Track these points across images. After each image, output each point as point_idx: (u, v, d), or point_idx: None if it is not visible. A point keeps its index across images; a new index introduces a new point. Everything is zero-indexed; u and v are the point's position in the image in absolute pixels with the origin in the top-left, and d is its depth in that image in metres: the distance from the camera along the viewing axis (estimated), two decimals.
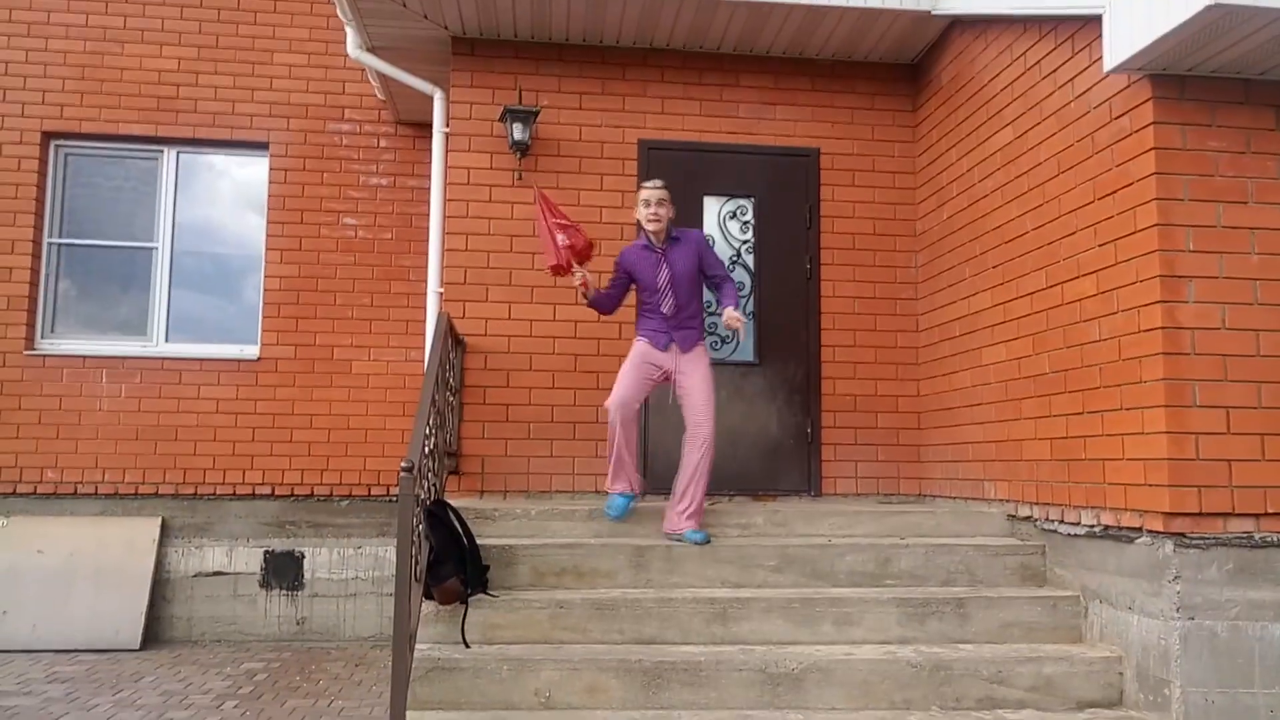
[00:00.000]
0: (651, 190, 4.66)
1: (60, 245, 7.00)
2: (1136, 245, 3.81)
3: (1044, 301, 4.45)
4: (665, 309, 4.60)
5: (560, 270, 4.64)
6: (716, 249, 5.87)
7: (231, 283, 7.18)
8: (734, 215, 5.93)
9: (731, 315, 4.44)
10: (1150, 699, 3.66)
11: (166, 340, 6.98)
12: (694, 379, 4.59)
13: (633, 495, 4.66)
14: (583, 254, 4.63)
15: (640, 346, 4.69)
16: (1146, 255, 3.74)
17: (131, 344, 6.92)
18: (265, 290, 6.96)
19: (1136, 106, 3.84)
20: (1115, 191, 3.95)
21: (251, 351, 6.93)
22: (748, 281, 5.89)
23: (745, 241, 5.91)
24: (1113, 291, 3.94)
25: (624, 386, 4.58)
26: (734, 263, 5.90)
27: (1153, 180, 3.73)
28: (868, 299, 5.89)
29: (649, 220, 4.62)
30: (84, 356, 6.78)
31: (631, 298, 4.84)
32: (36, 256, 6.86)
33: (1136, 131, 3.83)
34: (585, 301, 4.79)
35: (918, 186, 5.96)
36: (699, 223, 5.87)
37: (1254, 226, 3.75)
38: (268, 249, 6.98)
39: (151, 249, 7.04)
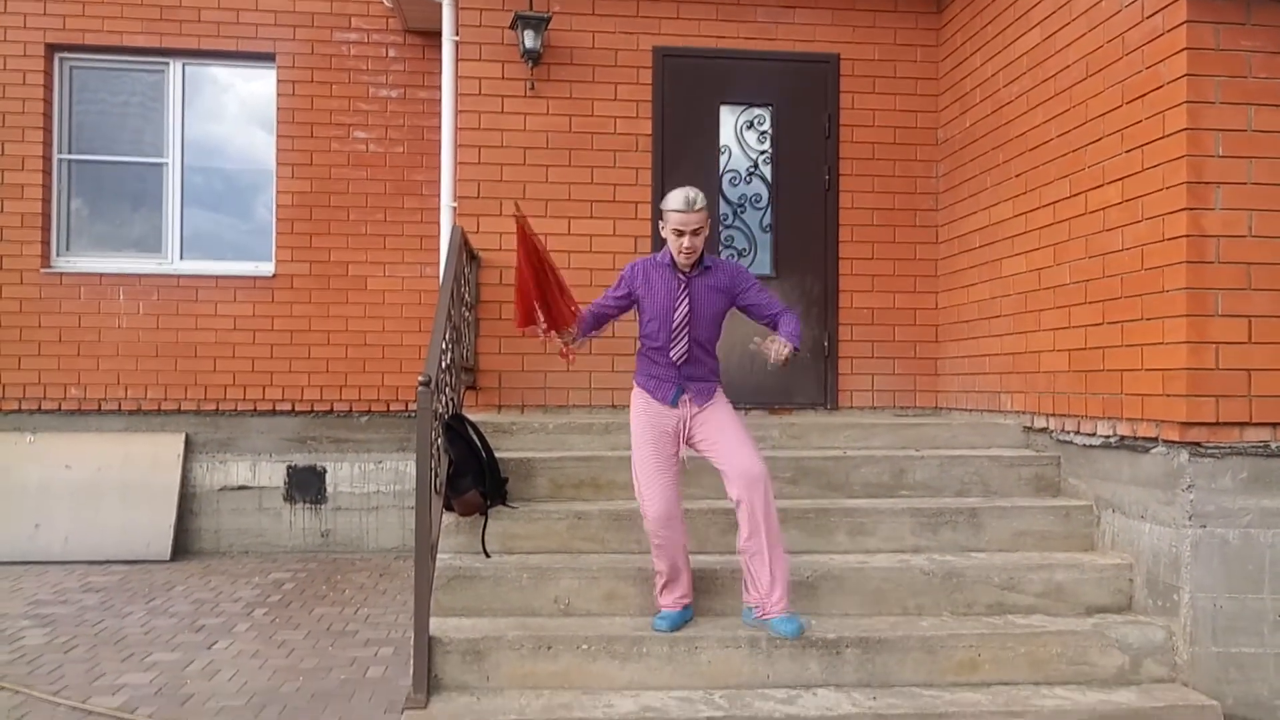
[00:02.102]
0: (688, 214, 3.46)
1: (70, 162, 6.95)
2: (1164, 150, 3.71)
3: (1067, 211, 4.37)
4: (675, 354, 3.57)
5: (542, 330, 3.74)
6: (734, 160, 5.79)
7: (243, 199, 7.13)
8: (751, 125, 5.81)
9: (780, 346, 3.52)
10: (1159, 604, 3.72)
11: (181, 258, 6.98)
12: (713, 425, 3.59)
13: (690, 609, 3.67)
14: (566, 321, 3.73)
15: (640, 407, 3.65)
16: (1174, 161, 3.65)
17: (147, 261, 6.93)
18: (278, 206, 6.91)
19: (1169, 4, 3.69)
20: (1144, 95, 3.84)
21: (267, 268, 6.93)
22: (765, 193, 5.80)
23: (763, 152, 5.80)
24: (1138, 199, 3.86)
25: (655, 488, 3.53)
26: (751, 174, 5.80)
27: (1184, 82, 3.61)
28: (887, 210, 5.80)
29: (682, 253, 3.53)
30: (100, 274, 6.80)
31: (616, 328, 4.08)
32: (47, 173, 6.82)
33: (1169, 31, 3.69)
34: (574, 352, 3.84)
35: (940, 93, 5.80)
36: (715, 134, 5.76)
37: None
38: (279, 164, 6.91)
39: (162, 165, 6.98)
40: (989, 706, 3.34)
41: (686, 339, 3.59)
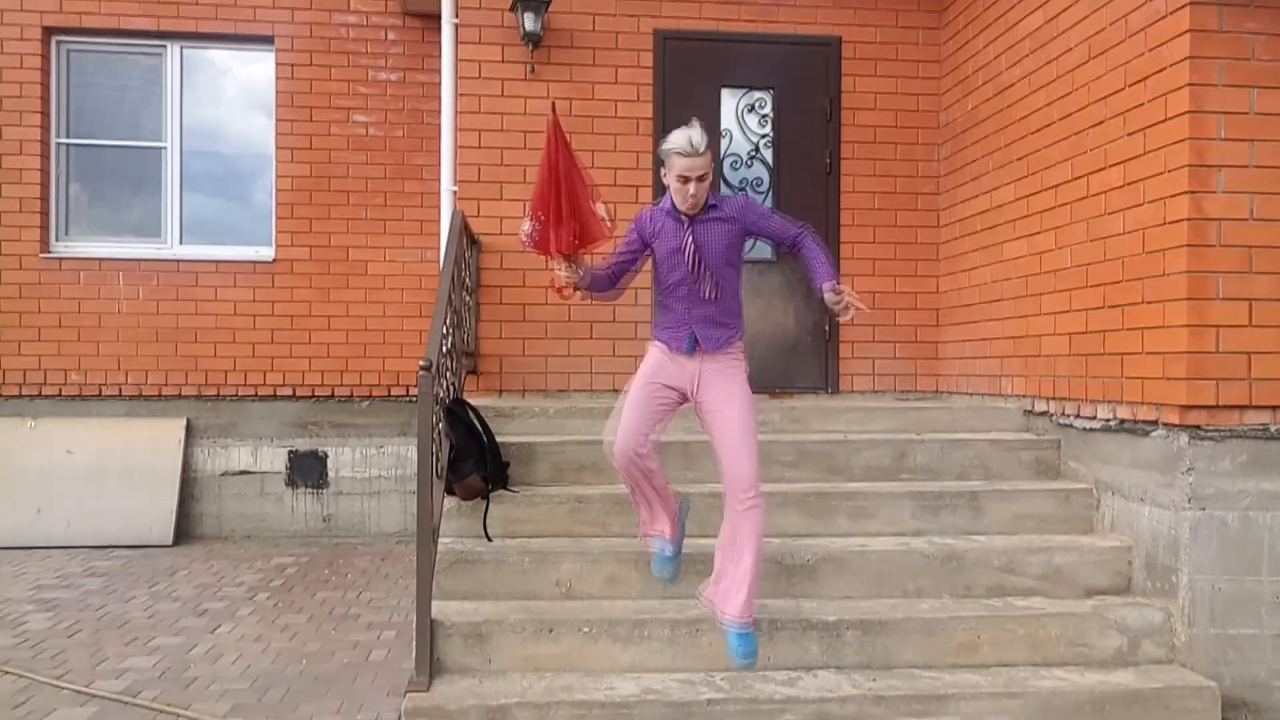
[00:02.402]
0: (692, 159, 3.24)
1: (68, 146, 6.92)
2: (1167, 134, 3.70)
3: (1068, 194, 4.36)
4: (703, 290, 3.37)
5: (557, 250, 3.33)
6: (734, 144, 5.77)
7: (242, 184, 7.11)
8: (752, 108, 5.79)
9: (837, 295, 3.26)
10: (1158, 586, 3.73)
11: (181, 243, 6.96)
12: (722, 392, 3.36)
13: (673, 554, 3.58)
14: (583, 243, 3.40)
15: (652, 358, 3.49)
16: (1176, 144, 3.64)
17: (146, 246, 6.92)
18: (278, 191, 6.89)
19: None
20: (1147, 78, 3.82)
21: (267, 253, 6.92)
22: (765, 177, 5.79)
23: (764, 136, 5.78)
24: (1140, 183, 3.85)
25: (624, 419, 3.38)
26: (752, 158, 5.78)
27: (1186, 65, 3.60)
28: (888, 194, 5.79)
29: (686, 199, 3.33)
30: (100, 259, 6.79)
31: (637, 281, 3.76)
32: (45, 157, 6.80)
33: (1172, 13, 3.67)
34: (571, 290, 3.47)
35: (942, 76, 5.78)
36: (716, 117, 5.74)
37: None
38: (278, 148, 6.89)
39: (160, 149, 6.96)
40: (988, 688, 3.37)
41: (704, 277, 3.36)
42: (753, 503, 3.27)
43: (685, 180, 3.29)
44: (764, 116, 5.79)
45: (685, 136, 3.27)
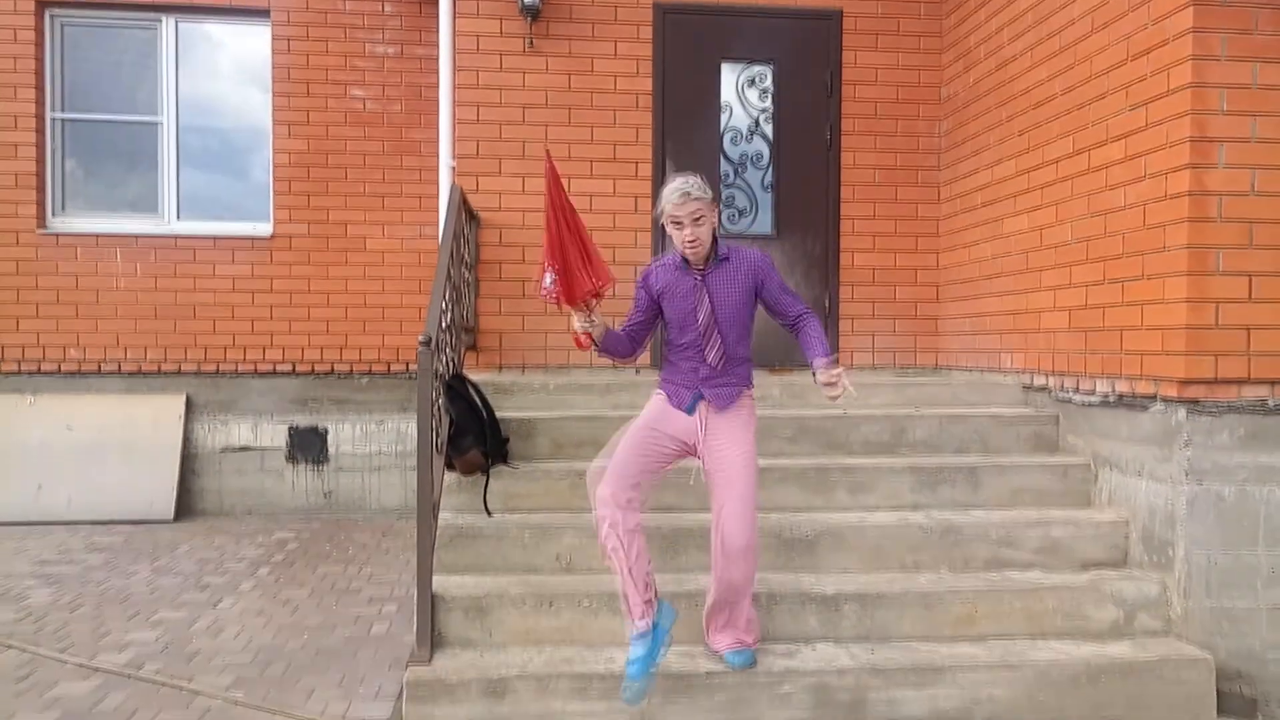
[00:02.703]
0: (683, 202, 3.13)
1: (64, 121, 6.88)
2: (1168, 107, 3.68)
3: (1069, 169, 4.34)
4: (710, 357, 3.25)
5: (583, 297, 3.13)
6: (735, 119, 5.74)
7: (239, 159, 7.07)
8: (753, 83, 5.75)
9: (829, 373, 3.10)
10: (1154, 559, 3.76)
11: (178, 218, 6.93)
12: (727, 438, 3.24)
13: (644, 655, 3.12)
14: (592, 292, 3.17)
15: (657, 404, 3.34)
16: (1178, 118, 3.62)
17: (143, 222, 6.89)
18: (275, 166, 6.86)
19: None
20: (1150, 51, 3.79)
21: (264, 229, 6.89)
22: (766, 152, 5.76)
23: (764, 110, 5.75)
24: (1141, 157, 3.84)
25: (616, 457, 3.18)
26: (752, 133, 5.76)
27: (1189, 38, 3.57)
28: (889, 169, 5.77)
29: (687, 245, 3.19)
30: (97, 235, 6.76)
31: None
32: (40, 132, 6.76)
33: None
34: (593, 345, 3.25)
35: (943, 50, 5.74)
36: (716, 92, 5.70)
37: None
38: (275, 123, 6.84)
39: (156, 123, 6.92)
40: (985, 659, 3.40)
41: (718, 340, 3.23)
42: (747, 553, 3.15)
43: (680, 225, 3.15)
44: (764, 91, 5.75)
45: (675, 183, 3.17)
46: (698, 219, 3.14)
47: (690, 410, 3.27)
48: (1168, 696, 3.38)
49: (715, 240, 3.27)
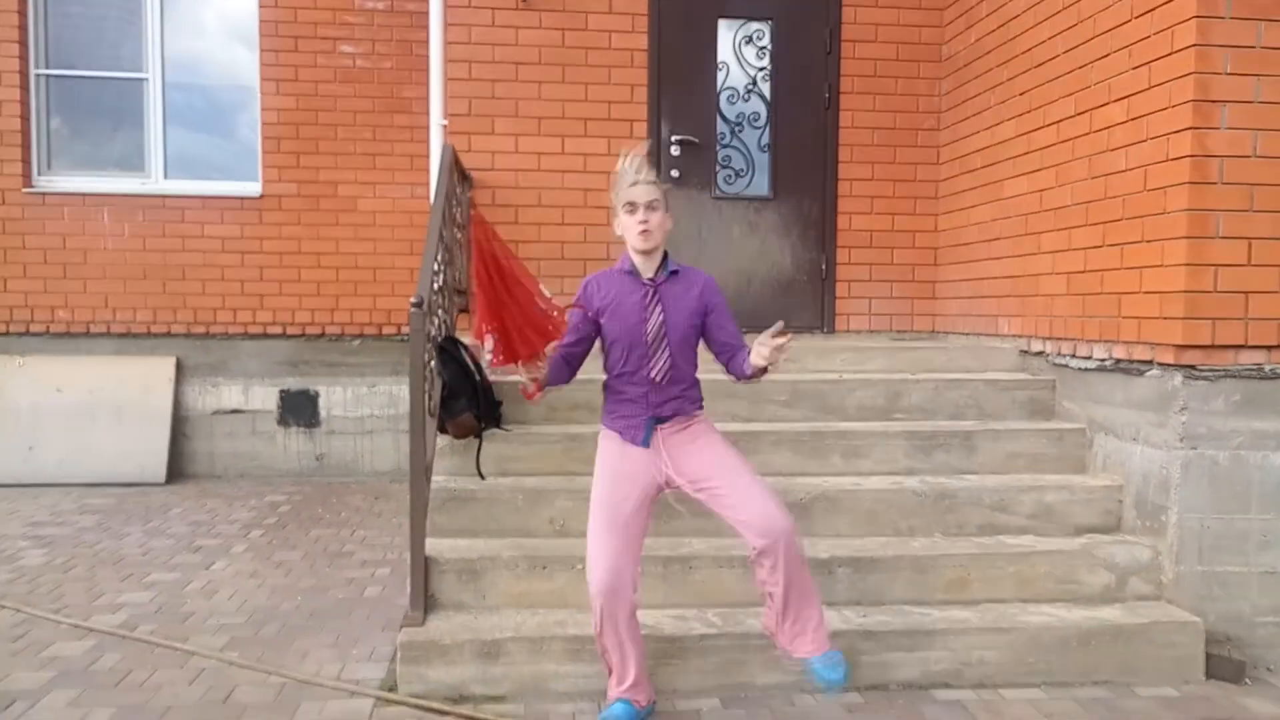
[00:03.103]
0: (638, 184, 2.88)
1: (48, 77, 6.75)
2: (1172, 67, 3.61)
3: (1071, 130, 4.28)
4: (655, 373, 2.93)
5: (529, 355, 2.84)
6: (732, 77, 5.65)
7: (227, 118, 6.95)
8: (750, 40, 5.65)
9: (762, 349, 2.82)
10: (1147, 524, 3.76)
11: (166, 177, 6.83)
12: (707, 457, 2.98)
13: (644, 711, 3.02)
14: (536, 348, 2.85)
15: (610, 450, 3.03)
16: (1181, 78, 3.56)
17: (130, 181, 6.79)
18: (263, 124, 6.74)
19: None
20: (1153, 9, 3.72)
21: (253, 189, 6.80)
22: (763, 112, 5.68)
23: (762, 69, 5.66)
24: (1143, 118, 3.78)
25: (600, 548, 2.88)
26: (749, 92, 5.67)
27: None
28: (888, 130, 5.69)
29: (638, 232, 2.89)
30: (84, 194, 6.66)
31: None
32: (24, 89, 6.63)
33: None
34: (537, 389, 2.94)
35: (945, 7, 5.64)
36: (713, 50, 5.61)
37: None
38: (263, 79, 6.72)
39: (142, 80, 6.79)
40: (977, 623, 3.41)
41: (667, 354, 2.93)
42: (788, 534, 2.82)
43: (632, 209, 2.87)
44: (762, 49, 5.66)
45: (625, 160, 2.90)
46: (652, 205, 2.88)
47: (647, 440, 2.96)
48: (1157, 660, 3.40)
49: (665, 252, 2.99)
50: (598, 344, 3.08)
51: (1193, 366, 3.58)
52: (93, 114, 6.83)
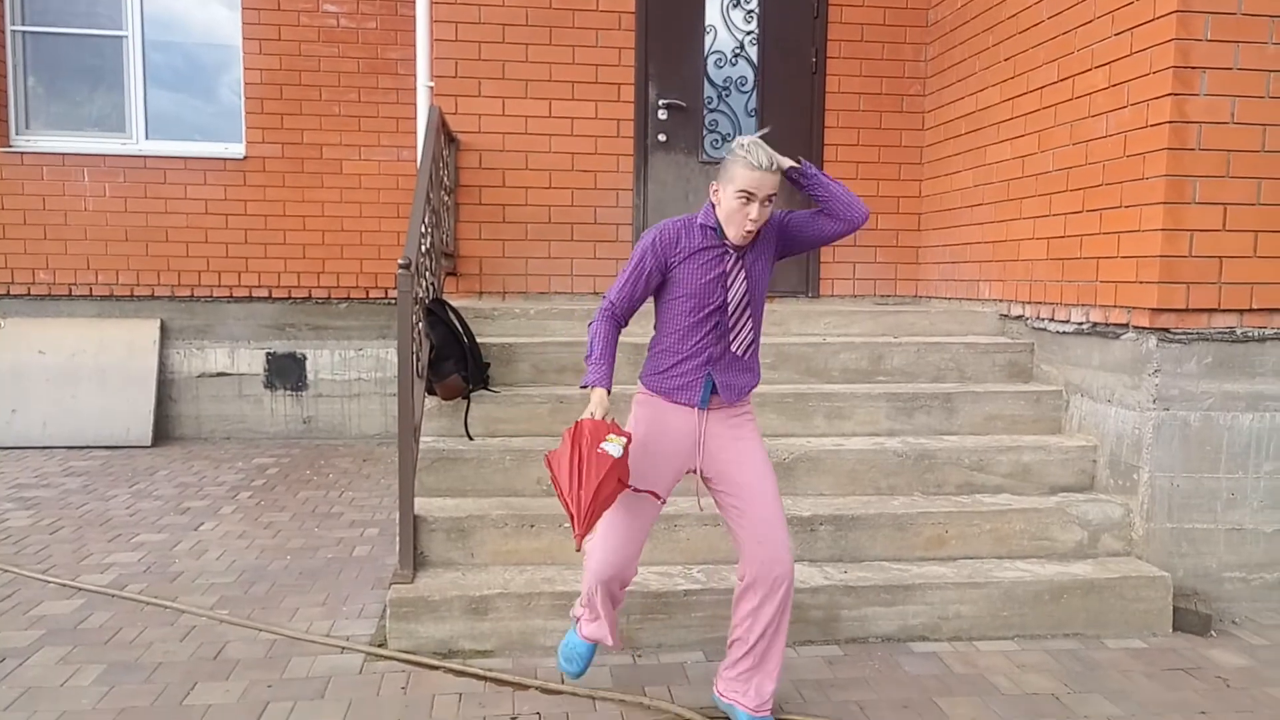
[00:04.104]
0: (765, 173, 2.53)
1: (25, 34, 6.64)
2: (1154, 34, 3.65)
3: (1053, 96, 4.32)
4: (738, 346, 2.71)
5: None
6: (719, 41, 5.64)
7: (208, 78, 6.87)
8: (738, 4, 5.63)
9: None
10: (1119, 483, 3.86)
11: (146, 138, 6.77)
12: (745, 457, 2.72)
13: (586, 654, 2.90)
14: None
15: (647, 421, 2.74)
16: (1163, 44, 3.60)
17: (111, 141, 6.72)
18: (246, 84, 6.68)
19: None
20: None
21: (237, 150, 6.74)
22: (750, 76, 5.68)
23: (749, 32, 5.65)
24: (1124, 84, 3.82)
25: (617, 532, 2.68)
26: (737, 56, 5.66)
27: None
28: (874, 95, 5.70)
29: (744, 229, 2.61)
30: (63, 154, 6.59)
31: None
32: (1, 46, 6.53)
33: None
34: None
35: None
36: (701, 13, 5.58)
37: (1275, 14, 3.58)
38: (245, 38, 6.64)
39: (121, 37, 6.70)
40: (953, 578, 3.50)
41: (751, 327, 2.72)
42: (787, 581, 2.67)
43: (749, 199, 2.55)
44: (749, 12, 5.64)
45: (761, 149, 2.55)
46: (769, 200, 2.58)
47: (703, 404, 2.69)
48: (1126, 613, 3.51)
49: None
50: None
51: (1167, 330, 3.66)
52: (71, 72, 6.74)
